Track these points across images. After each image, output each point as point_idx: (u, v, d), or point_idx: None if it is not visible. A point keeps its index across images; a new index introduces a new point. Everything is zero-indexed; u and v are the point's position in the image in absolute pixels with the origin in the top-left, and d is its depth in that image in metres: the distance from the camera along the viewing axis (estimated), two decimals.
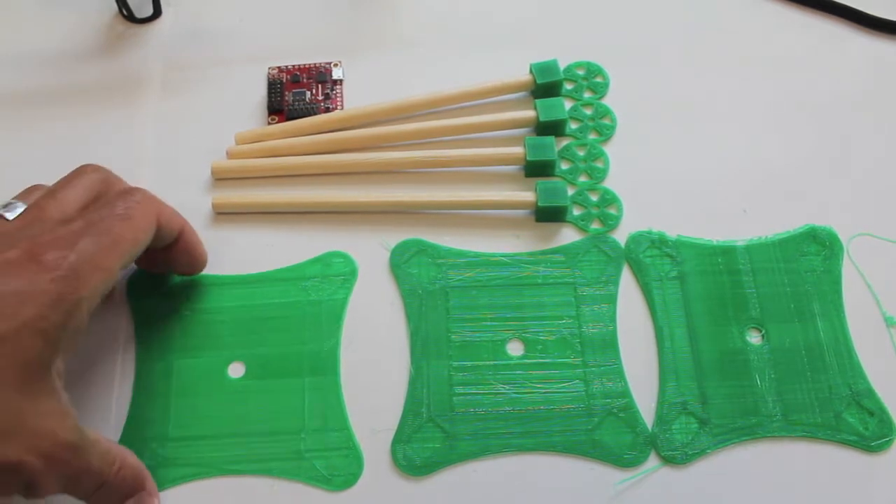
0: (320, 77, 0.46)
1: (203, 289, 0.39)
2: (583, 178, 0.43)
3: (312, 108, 0.45)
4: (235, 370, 0.37)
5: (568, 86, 0.46)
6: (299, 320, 0.38)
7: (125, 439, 0.35)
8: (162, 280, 0.39)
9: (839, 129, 0.44)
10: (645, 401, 0.37)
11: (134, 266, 0.39)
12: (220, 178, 0.43)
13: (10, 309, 0.27)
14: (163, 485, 0.34)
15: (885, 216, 0.41)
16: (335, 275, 0.39)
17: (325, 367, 0.37)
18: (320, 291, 0.39)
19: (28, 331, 0.27)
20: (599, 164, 0.43)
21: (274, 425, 0.36)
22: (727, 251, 0.40)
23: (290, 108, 0.45)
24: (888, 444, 0.35)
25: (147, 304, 0.39)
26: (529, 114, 0.43)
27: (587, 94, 0.45)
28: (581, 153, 0.43)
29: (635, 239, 0.40)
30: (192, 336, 0.38)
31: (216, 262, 0.39)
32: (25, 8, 0.50)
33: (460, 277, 0.39)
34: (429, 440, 0.35)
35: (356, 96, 0.45)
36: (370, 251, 0.40)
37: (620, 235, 0.41)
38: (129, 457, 0.32)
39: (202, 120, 0.45)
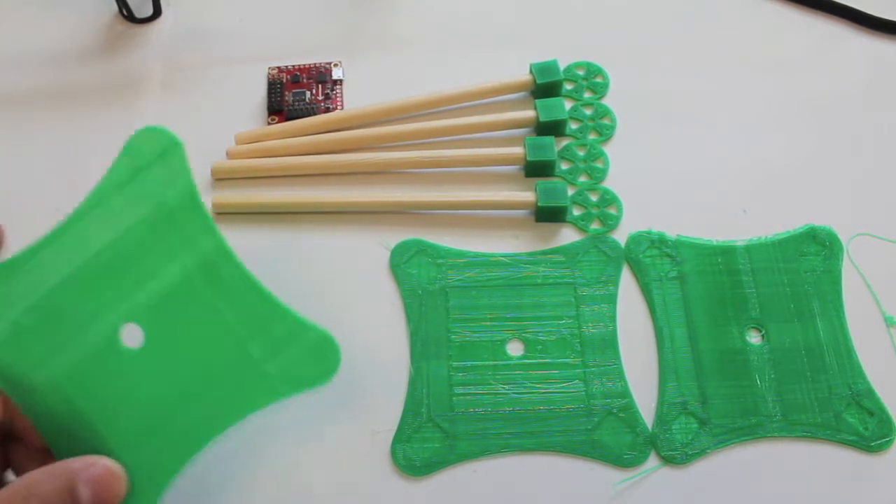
0: (320, 77, 0.46)
1: None
2: (583, 178, 0.43)
3: (312, 108, 0.45)
4: None
5: (568, 86, 0.46)
6: None
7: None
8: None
9: (839, 128, 0.44)
10: (645, 401, 0.37)
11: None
12: (220, 178, 0.43)
13: None
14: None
15: (885, 216, 0.41)
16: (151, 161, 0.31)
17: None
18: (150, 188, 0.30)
19: None
20: (599, 164, 0.43)
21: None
22: (727, 251, 0.40)
23: (290, 108, 0.45)
24: (888, 444, 0.35)
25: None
26: (529, 114, 0.43)
27: (587, 94, 0.45)
28: (581, 153, 0.43)
29: (635, 239, 0.40)
30: None
31: None
32: (25, 8, 0.50)
33: (460, 277, 0.39)
34: (429, 440, 0.35)
35: (356, 96, 0.45)
36: (370, 251, 0.40)
37: (620, 235, 0.41)
38: (42, 485, 0.26)
39: (202, 120, 0.45)
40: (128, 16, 0.48)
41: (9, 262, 0.29)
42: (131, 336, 0.30)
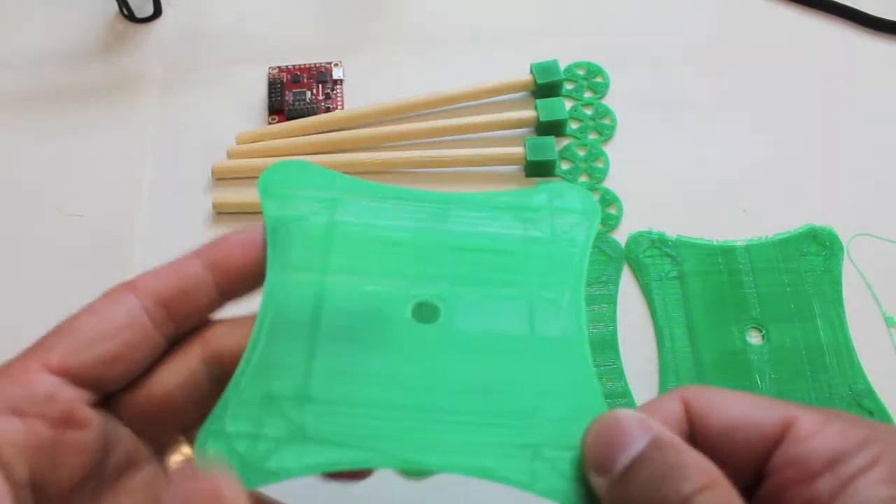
0: (320, 77, 0.46)
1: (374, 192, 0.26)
2: (583, 178, 0.43)
3: (312, 108, 0.45)
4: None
5: (568, 86, 0.46)
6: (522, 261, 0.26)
7: (238, 388, 0.22)
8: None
9: (839, 128, 0.44)
10: (645, 401, 0.36)
11: None
12: (221, 178, 0.43)
13: None
14: (292, 471, 0.21)
15: (885, 216, 0.41)
16: (567, 211, 0.27)
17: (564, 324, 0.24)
18: (548, 230, 0.26)
19: None
20: (599, 164, 0.43)
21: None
22: (727, 251, 0.40)
23: (291, 108, 0.45)
24: None
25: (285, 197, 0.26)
26: (530, 114, 0.43)
27: (587, 94, 0.45)
28: (581, 153, 0.43)
29: (635, 239, 0.40)
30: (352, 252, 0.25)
31: None
32: (25, 7, 0.50)
33: None
34: None
35: (356, 96, 0.45)
36: None
37: (620, 235, 0.41)
38: None
39: (202, 120, 0.45)
40: (128, 15, 0.48)
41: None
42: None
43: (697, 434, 0.22)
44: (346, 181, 0.26)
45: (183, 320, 0.23)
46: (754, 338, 0.38)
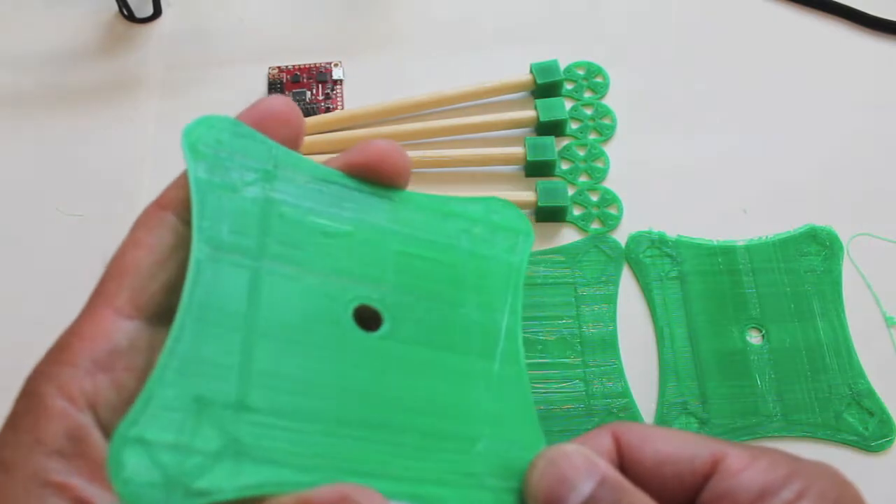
0: (320, 77, 0.46)
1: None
2: (583, 178, 0.43)
3: (312, 108, 0.45)
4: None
5: (568, 86, 0.46)
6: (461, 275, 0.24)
7: (161, 384, 0.18)
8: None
9: (839, 128, 0.44)
10: (645, 401, 0.37)
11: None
12: None
13: None
14: (225, 492, 0.17)
15: (885, 216, 0.41)
16: (504, 228, 0.25)
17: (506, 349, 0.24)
18: (486, 245, 0.25)
19: None
20: (599, 164, 0.43)
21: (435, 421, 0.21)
22: (727, 251, 0.40)
23: None
24: (888, 444, 0.35)
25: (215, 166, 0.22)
26: (530, 114, 0.43)
27: (587, 94, 0.45)
28: (581, 153, 0.43)
29: (635, 239, 0.40)
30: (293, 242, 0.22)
31: None
32: (26, 7, 0.50)
33: None
34: None
35: (356, 96, 0.45)
36: None
37: (620, 235, 0.41)
38: None
39: None
40: (128, 16, 0.48)
41: None
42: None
43: (628, 468, 0.22)
44: (283, 153, 0.23)
45: None
46: (754, 338, 0.38)
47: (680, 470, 0.21)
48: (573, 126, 0.44)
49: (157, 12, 0.49)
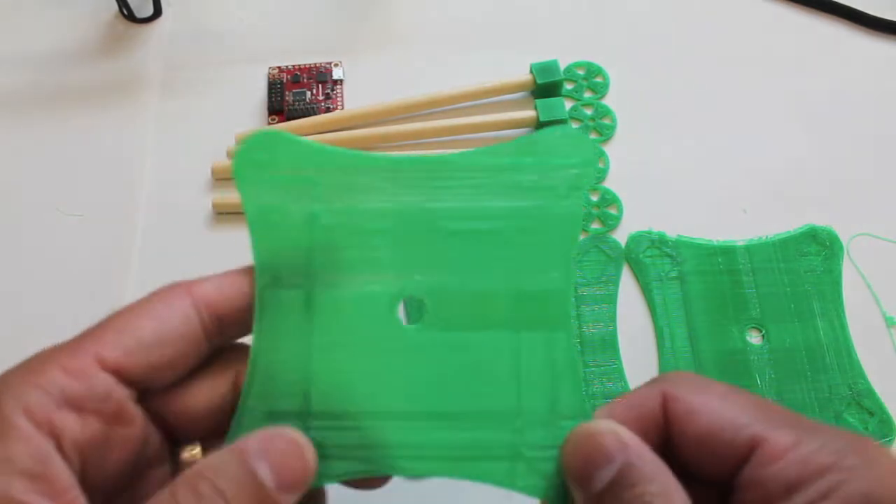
0: (320, 77, 0.46)
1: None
2: None
3: (312, 108, 0.45)
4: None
5: (568, 86, 0.46)
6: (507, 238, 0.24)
7: (246, 406, 0.23)
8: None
9: (839, 128, 0.44)
10: None
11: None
12: (220, 178, 0.43)
13: None
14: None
15: (885, 216, 0.41)
16: (558, 166, 0.24)
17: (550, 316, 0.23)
18: (536, 195, 0.24)
19: None
20: (599, 164, 0.43)
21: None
22: (727, 251, 0.40)
23: (291, 108, 0.45)
24: (888, 444, 0.35)
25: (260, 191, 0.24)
26: (529, 114, 0.43)
27: (587, 94, 0.45)
28: None
29: (635, 239, 0.40)
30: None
31: (216, 263, 0.39)
32: (25, 8, 0.50)
33: None
34: None
35: (356, 96, 0.45)
36: None
37: (620, 235, 0.41)
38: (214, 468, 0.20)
39: (202, 120, 0.45)
40: (128, 16, 0.48)
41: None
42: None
43: (674, 437, 0.22)
44: (320, 155, 0.24)
45: (233, 334, 0.24)
46: (754, 338, 0.38)
47: (719, 450, 0.21)
48: (573, 126, 0.44)
49: (157, 12, 0.49)
